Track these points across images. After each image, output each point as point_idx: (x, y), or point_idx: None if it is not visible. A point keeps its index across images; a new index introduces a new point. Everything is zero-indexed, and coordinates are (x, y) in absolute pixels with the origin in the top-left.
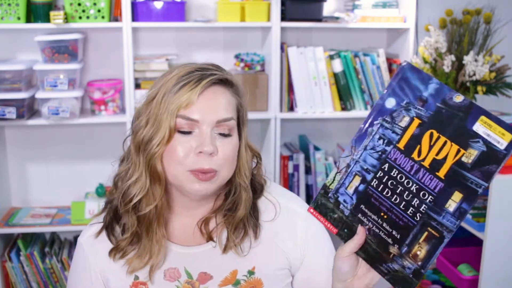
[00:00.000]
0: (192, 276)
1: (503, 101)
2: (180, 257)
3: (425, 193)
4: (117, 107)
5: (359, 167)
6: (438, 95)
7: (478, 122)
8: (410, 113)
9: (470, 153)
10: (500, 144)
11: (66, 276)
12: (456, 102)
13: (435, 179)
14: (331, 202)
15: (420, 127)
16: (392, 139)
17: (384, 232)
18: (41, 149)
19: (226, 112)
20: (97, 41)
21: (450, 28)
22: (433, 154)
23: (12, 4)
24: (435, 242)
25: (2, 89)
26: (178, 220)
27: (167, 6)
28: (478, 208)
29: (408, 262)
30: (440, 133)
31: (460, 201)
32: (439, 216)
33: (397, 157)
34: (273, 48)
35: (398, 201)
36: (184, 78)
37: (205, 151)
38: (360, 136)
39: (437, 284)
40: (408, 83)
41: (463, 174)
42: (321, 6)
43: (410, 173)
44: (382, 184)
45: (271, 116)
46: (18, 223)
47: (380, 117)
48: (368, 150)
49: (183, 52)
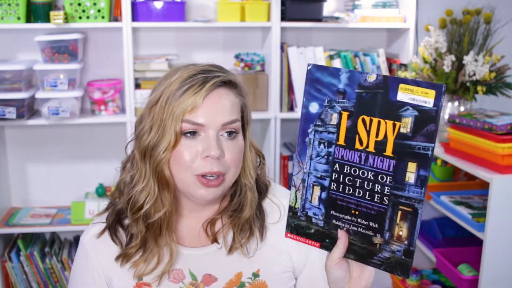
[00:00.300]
0: (197, 278)
1: (503, 101)
2: (184, 259)
3: (383, 176)
4: (117, 107)
5: (313, 177)
6: (353, 82)
7: (399, 92)
8: (335, 109)
9: (405, 122)
10: (428, 103)
11: (66, 276)
12: (371, 81)
13: (385, 160)
14: (302, 220)
15: (350, 118)
16: (331, 139)
17: (362, 227)
18: (41, 149)
19: (231, 114)
20: (97, 41)
21: (450, 28)
22: (373, 138)
23: (12, 4)
24: (411, 217)
25: (2, 89)
26: (183, 222)
27: (167, 6)
28: (478, 208)
29: (395, 246)
30: (371, 116)
31: (416, 170)
32: (404, 192)
33: (343, 154)
34: (273, 48)
35: (362, 194)
36: (187, 81)
37: (211, 156)
38: (302, 149)
39: (437, 284)
40: (321, 83)
41: (407, 144)
42: (321, 6)
43: (360, 163)
44: (341, 184)
45: (271, 116)
46: (18, 223)
47: (311, 124)
48: (315, 158)
49: (183, 52)
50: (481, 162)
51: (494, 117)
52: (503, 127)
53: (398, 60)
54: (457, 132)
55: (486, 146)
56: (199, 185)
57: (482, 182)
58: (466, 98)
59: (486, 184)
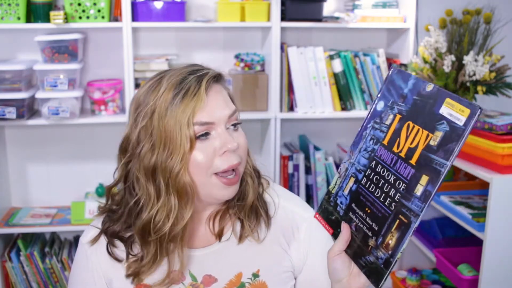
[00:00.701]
0: (197, 279)
1: (503, 101)
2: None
3: (400, 182)
4: (117, 107)
5: (354, 169)
6: (415, 89)
7: (443, 105)
8: (393, 111)
9: (436, 136)
10: (460, 121)
11: (66, 276)
12: (428, 91)
13: (408, 167)
14: (331, 205)
15: (400, 121)
16: (380, 137)
17: (366, 226)
18: (41, 149)
19: (231, 104)
20: (97, 41)
21: (450, 28)
22: (408, 144)
23: (12, 4)
24: (404, 229)
25: (2, 89)
26: None
27: (167, 6)
28: (478, 208)
29: (381, 253)
30: (415, 123)
31: (426, 184)
32: (408, 202)
33: (382, 153)
34: (273, 48)
35: (379, 194)
36: (181, 86)
37: (230, 149)
38: (357, 141)
39: (437, 284)
40: (394, 85)
41: (430, 157)
42: (321, 6)
43: (390, 165)
44: (369, 181)
45: (271, 116)
46: (18, 223)
47: (372, 120)
48: (362, 152)
49: (183, 52)
50: (481, 162)
51: (494, 117)
52: (503, 127)
53: (398, 60)
54: None
55: (486, 146)
56: (221, 186)
57: (482, 182)
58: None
59: (486, 184)
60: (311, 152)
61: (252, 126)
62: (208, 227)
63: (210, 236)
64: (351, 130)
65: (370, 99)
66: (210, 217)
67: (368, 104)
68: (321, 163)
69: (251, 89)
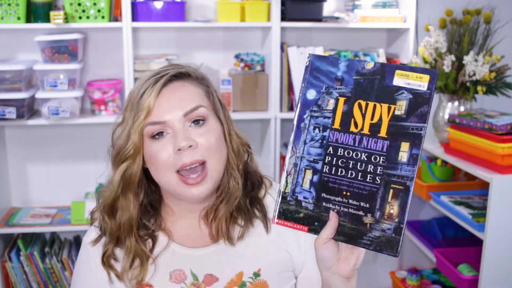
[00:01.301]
0: (198, 278)
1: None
2: (185, 259)
3: (376, 156)
4: (117, 107)
5: (306, 161)
6: (351, 70)
7: (395, 77)
8: (332, 95)
9: (400, 105)
10: (422, 87)
11: (66, 276)
12: (369, 68)
13: (379, 140)
14: (292, 204)
15: (346, 103)
16: (326, 124)
17: (352, 207)
18: (41, 149)
19: (191, 102)
20: (97, 41)
21: (450, 28)
22: (368, 120)
23: (12, 4)
24: (403, 195)
25: (2, 89)
26: (182, 222)
27: (167, 6)
28: (478, 208)
29: (386, 224)
30: (367, 100)
31: (409, 149)
32: (396, 171)
33: (337, 137)
34: (273, 48)
35: (354, 175)
36: (142, 86)
37: (182, 147)
38: (296, 134)
39: (437, 284)
40: (320, 71)
41: (401, 125)
42: (321, 6)
43: (354, 145)
44: (334, 167)
45: (271, 116)
46: (18, 223)
47: (307, 110)
48: (308, 143)
49: (183, 52)
50: (481, 162)
51: (494, 117)
52: (503, 127)
53: (398, 60)
54: (457, 132)
55: (486, 146)
56: (183, 185)
57: (482, 182)
58: (466, 98)
59: (486, 184)
60: None
61: (252, 126)
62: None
63: (209, 236)
64: None
65: None
66: (202, 218)
67: None
68: None
69: (251, 89)
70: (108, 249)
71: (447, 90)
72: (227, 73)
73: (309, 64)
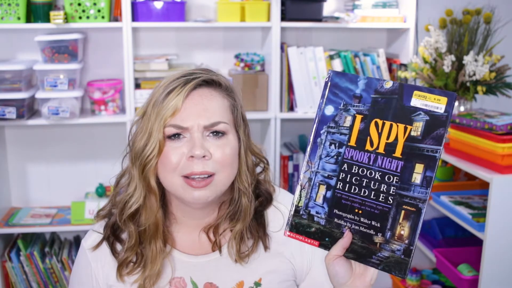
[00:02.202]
0: (198, 286)
1: (503, 101)
2: (186, 267)
3: (390, 176)
4: (117, 107)
5: (320, 176)
6: (369, 88)
7: (413, 98)
8: (350, 112)
9: (417, 126)
10: (439, 109)
11: (66, 276)
12: (387, 88)
13: (394, 161)
14: (305, 218)
15: (363, 121)
16: (342, 140)
17: (363, 226)
18: (41, 149)
19: (214, 115)
20: (97, 41)
21: (450, 28)
22: (384, 140)
23: (12, 4)
24: (414, 216)
25: (2, 89)
26: (185, 229)
27: (167, 6)
28: (478, 208)
29: (396, 245)
30: (384, 119)
31: (423, 171)
32: (409, 192)
33: (352, 155)
34: (273, 48)
35: (367, 193)
36: (170, 85)
37: (196, 155)
38: (312, 149)
39: (437, 284)
40: (339, 88)
41: (417, 146)
42: (321, 6)
43: (369, 164)
44: (347, 184)
45: (271, 116)
46: (18, 223)
47: (324, 126)
48: (324, 158)
49: (183, 52)
50: (481, 162)
51: (494, 117)
52: (503, 127)
53: (398, 60)
54: (457, 132)
55: (486, 146)
56: (187, 187)
57: (482, 182)
58: (466, 98)
59: (486, 184)
60: None
61: (252, 126)
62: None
63: (210, 246)
64: None
65: None
66: (205, 228)
67: None
68: None
69: (251, 89)
70: (129, 256)
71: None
72: (227, 73)
73: (328, 80)
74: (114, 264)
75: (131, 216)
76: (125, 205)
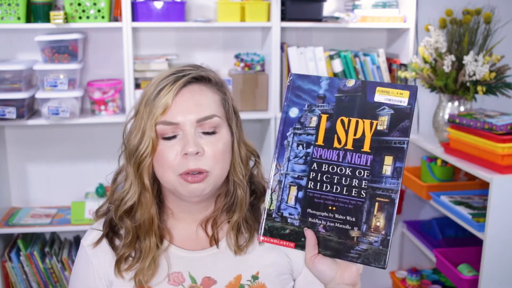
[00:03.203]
0: (196, 281)
1: (503, 101)
2: (184, 261)
3: (360, 171)
4: (117, 107)
5: (290, 178)
6: (332, 88)
7: (376, 93)
8: (315, 113)
9: (382, 120)
10: (403, 102)
11: (66, 276)
12: (350, 86)
13: (363, 155)
14: (278, 221)
15: (329, 120)
16: (310, 140)
17: (339, 222)
18: (41, 149)
19: (207, 109)
20: (97, 41)
21: (450, 28)
22: (351, 136)
23: (12, 4)
24: (388, 207)
25: (2, 89)
26: (182, 224)
27: (167, 6)
28: (478, 208)
29: (373, 237)
30: (349, 116)
31: (393, 162)
32: (381, 184)
33: (321, 153)
34: (273, 48)
35: (339, 190)
36: (161, 83)
37: (189, 152)
38: (280, 152)
39: (437, 284)
40: (302, 90)
41: (384, 139)
42: (321, 6)
43: (339, 161)
44: (319, 182)
45: (271, 116)
46: (18, 223)
47: (290, 128)
48: (292, 160)
49: (183, 52)
50: (481, 162)
51: (494, 117)
52: (503, 127)
53: (398, 60)
54: (457, 132)
55: (486, 146)
56: (184, 183)
57: (482, 182)
58: (466, 98)
59: (486, 184)
60: None
61: (252, 126)
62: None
63: (208, 240)
64: None
65: None
66: (202, 222)
67: None
68: None
69: (251, 89)
70: (126, 252)
71: (447, 90)
72: (227, 73)
73: (290, 83)
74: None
75: (126, 212)
76: (121, 201)
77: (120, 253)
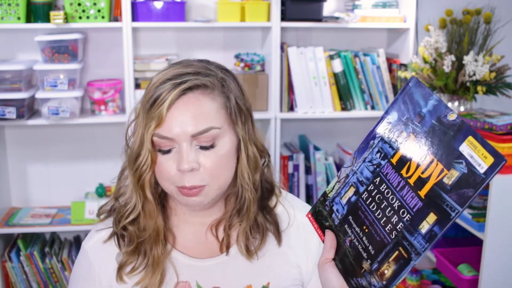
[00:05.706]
0: None
1: (503, 101)
2: (192, 270)
3: (405, 211)
4: (117, 107)
5: (355, 178)
6: (435, 112)
7: (465, 143)
8: (407, 129)
9: (452, 174)
10: (481, 168)
11: (66, 276)
12: (449, 120)
13: (416, 198)
14: (326, 210)
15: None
16: (388, 153)
17: (362, 245)
18: (41, 149)
19: (203, 122)
20: (97, 41)
21: (450, 28)
22: (419, 172)
23: (12, 4)
24: (402, 263)
25: (2, 89)
26: (189, 229)
27: (167, 6)
28: (478, 208)
29: (375, 280)
30: (430, 152)
31: (433, 223)
32: (411, 236)
33: (388, 172)
34: (273, 48)
35: (380, 216)
36: (158, 89)
37: (183, 169)
38: (362, 148)
39: (437, 284)
40: (411, 98)
41: (441, 195)
42: (321, 6)
43: (396, 189)
44: (371, 198)
45: (271, 116)
46: (18, 223)
47: (382, 130)
48: (366, 162)
49: (183, 52)
50: None
51: (494, 117)
52: (503, 127)
53: (398, 60)
54: None
55: None
56: (181, 195)
57: None
58: (466, 98)
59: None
60: (311, 152)
61: None
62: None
63: (217, 246)
64: (351, 130)
65: (370, 99)
66: (212, 227)
67: (368, 104)
68: (321, 163)
69: (251, 89)
70: (128, 259)
71: (447, 90)
72: None
73: (406, 88)
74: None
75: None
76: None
77: (122, 260)
